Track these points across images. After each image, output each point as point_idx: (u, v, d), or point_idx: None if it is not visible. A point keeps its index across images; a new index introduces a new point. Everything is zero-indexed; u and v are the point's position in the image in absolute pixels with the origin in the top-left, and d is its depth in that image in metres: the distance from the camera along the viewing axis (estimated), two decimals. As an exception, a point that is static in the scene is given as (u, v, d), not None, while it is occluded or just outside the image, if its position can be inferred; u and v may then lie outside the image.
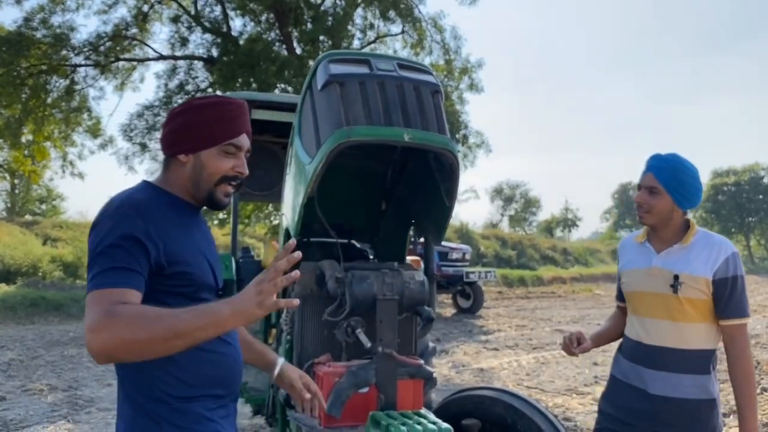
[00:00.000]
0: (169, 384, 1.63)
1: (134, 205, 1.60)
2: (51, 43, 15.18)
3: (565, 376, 7.80)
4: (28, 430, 5.32)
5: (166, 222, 1.62)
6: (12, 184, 31.04)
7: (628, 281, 2.52)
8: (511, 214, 54.07)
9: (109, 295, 1.45)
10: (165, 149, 1.76)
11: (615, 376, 2.57)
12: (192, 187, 1.73)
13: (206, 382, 1.67)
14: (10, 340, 9.83)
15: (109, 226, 1.55)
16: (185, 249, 1.65)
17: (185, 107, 1.74)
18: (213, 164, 1.71)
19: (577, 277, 26.66)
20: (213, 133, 1.70)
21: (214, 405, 1.70)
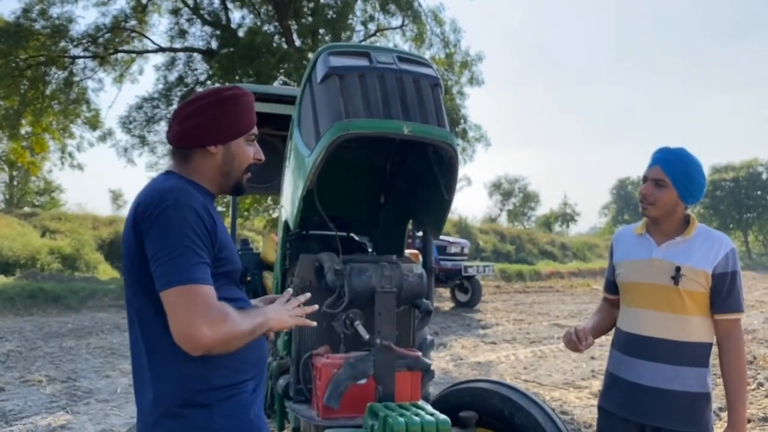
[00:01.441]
0: (220, 374, 1.66)
1: (191, 194, 1.64)
2: (50, 34, 15.17)
3: (563, 370, 7.83)
4: (27, 420, 5.33)
5: (209, 210, 1.66)
6: (10, 176, 30.99)
7: (625, 272, 2.52)
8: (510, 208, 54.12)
9: (211, 291, 1.55)
10: (190, 141, 1.76)
11: (611, 372, 2.58)
12: (221, 177, 1.79)
13: (249, 366, 1.74)
14: (9, 332, 9.85)
15: (179, 218, 1.57)
16: (225, 235, 1.72)
17: (212, 99, 1.75)
18: (242, 153, 1.79)
19: (575, 272, 26.69)
20: (242, 124, 1.77)
21: (250, 388, 1.75)
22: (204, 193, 1.76)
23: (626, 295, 2.53)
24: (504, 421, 2.73)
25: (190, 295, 1.51)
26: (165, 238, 1.56)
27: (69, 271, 16.25)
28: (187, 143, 1.76)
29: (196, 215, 1.59)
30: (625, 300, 2.54)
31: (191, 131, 1.74)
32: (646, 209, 2.43)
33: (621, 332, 2.54)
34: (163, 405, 1.65)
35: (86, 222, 20.30)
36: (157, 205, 1.60)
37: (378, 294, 2.46)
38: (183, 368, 1.63)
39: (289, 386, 2.73)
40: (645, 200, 2.42)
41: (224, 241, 1.69)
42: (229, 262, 1.71)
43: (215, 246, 1.64)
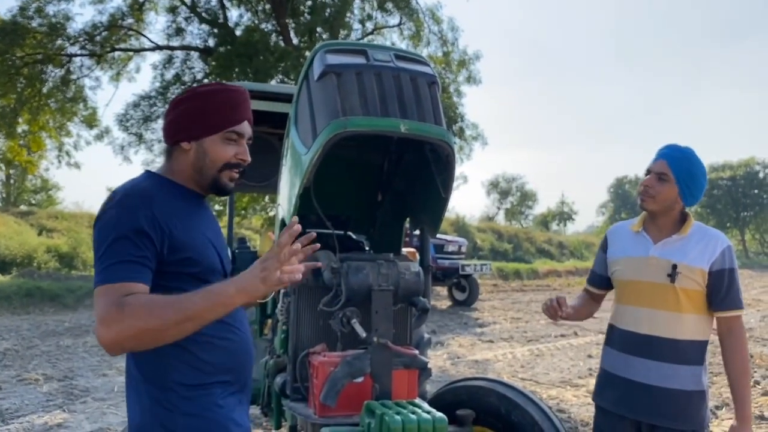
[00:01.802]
0: (180, 372, 1.64)
1: (139, 194, 1.62)
2: (46, 32, 15.14)
3: (560, 369, 7.84)
4: (24, 419, 5.32)
5: (170, 210, 1.64)
6: (7, 175, 30.93)
7: (621, 269, 2.52)
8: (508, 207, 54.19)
9: (118, 289, 1.49)
10: (168, 138, 1.77)
11: (606, 370, 2.58)
12: (196, 174, 1.76)
13: (216, 369, 1.69)
14: (6, 330, 9.83)
15: (116, 217, 1.57)
16: (190, 235, 1.67)
17: (188, 95, 1.75)
18: (215, 151, 1.73)
19: (573, 271, 26.71)
20: (215, 120, 1.72)
21: (225, 392, 1.71)
22: (180, 192, 1.75)
23: (623, 293, 2.53)
24: (501, 419, 2.73)
25: (98, 296, 1.51)
26: (98, 238, 1.57)
27: (66, 270, 16.22)
28: (166, 140, 1.78)
29: (136, 214, 1.56)
30: (621, 298, 2.54)
31: (167, 128, 1.77)
32: (645, 201, 2.44)
33: (616, 329, 2.55)
34: (134, 397, 1.68)
35: (83, 220, 20.25)
36: (104, 206, 1.62)
37: (375, 292, 2.46)
38: (147, 365, 1.65)
39: (286, 384, 2.73)
40: (646, 192, 2.43)
41: (186, 243, 1.64)
42: (193, 263, 1.66)
43: (165, 246, 1.60)
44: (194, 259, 1.67)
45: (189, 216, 1.71)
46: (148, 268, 1.56)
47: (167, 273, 1.61)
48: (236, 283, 1.50)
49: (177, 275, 1.63)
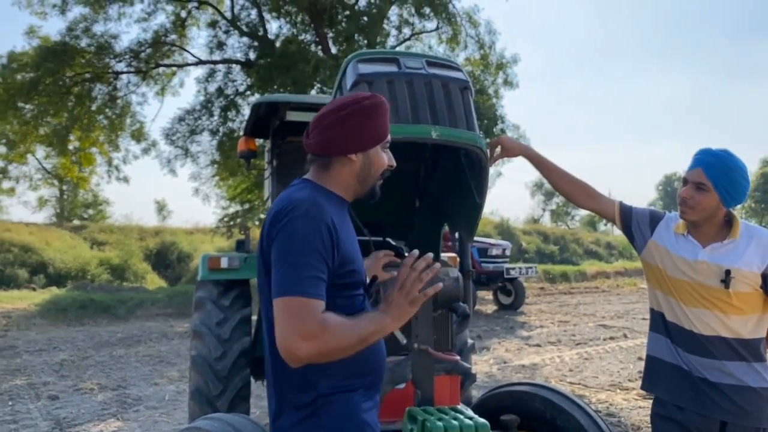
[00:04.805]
0: (326, 380, 1.71)
1: (318, 204, 1.68)
2: (94, 51, 15.60)
3: (609, 372, 7.69)
4: (80, 427, 5.49)
5: (338, 222, 1.71)
6: (60, 191, 31.97)
7: (668, 264, 2.44)
8: (553, 208, 53.36)
9: (315, 306, 1.57)
10: (332, 150, 1.80)
11: (658, 358, 2.51)
12: (358, 183, 1.84)
13: (362, 372, 1.77)
14: (62, 341, 10.16)
15: (303, 230, 1.62)
16: (352, 248, 1.76)
17: (354, 109, 1.79)
18: (379, 159, 1.85)
19: (622, 272, 26.17)
20: (380, 132, 1.83)
21: (366, 395, 1.79)
22: (336, 202, 1.80)
23: (670, 287, 2.44)
24: (546, 424, 2.70)
25: (293, 307, 1.57)
26: (286, 248, 1.62)
27: (117, 282, 16.68)
28: (329, 151, 1.80)
29: (321, 230, 1.63)
30: (668, 291, 2.45)
31: (334, 140, 1.78)
32: (685, 212, 2.37)
33: (669, 323, 2.46)
34: (281, 404, 1.75)
35: (133, 233, 20.81)
36: (287, 215, 1.66)
37: (414, 298, 2.46)
38: (297, 372, 1.68)
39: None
40: (685, 204, 2.36)
41: (349, 254, 1.73)
42: (355, 275, 1.76)
43: (336, 260, 1.67)
44: (356, 271, 1.76)
45: (346, 226, 1.78)
46: (327, 282, 1.64)
47: (335, 285, 1.68)
48: (390, 313, 1.67)
49: (338, 287, 1.70)
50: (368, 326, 1.64)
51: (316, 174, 1.84)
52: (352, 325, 1.61)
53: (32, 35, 15.96)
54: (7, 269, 15.82)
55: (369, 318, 1.66)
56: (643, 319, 12.44)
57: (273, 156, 4.76)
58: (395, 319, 1.68)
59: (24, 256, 16.52)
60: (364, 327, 1.63)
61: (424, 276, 1.69)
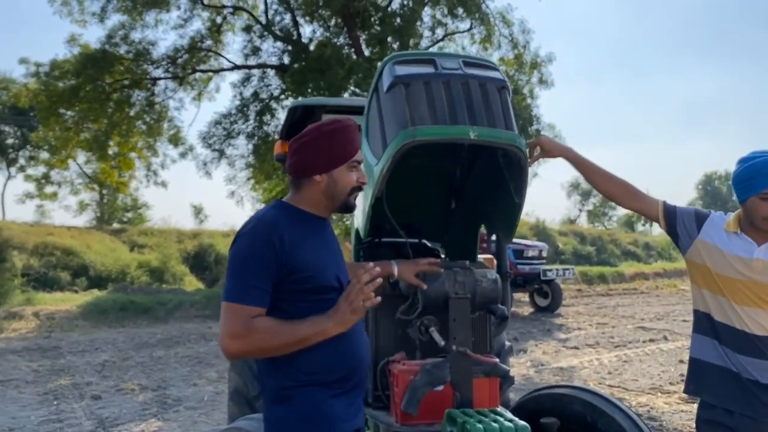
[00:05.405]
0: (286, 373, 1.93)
1: (267, 223, 1.93)
2: (132, 58, 15.91)
3: (650, 375, 7.56)
4: (122, 427, 5.60)
5: (294, 234, 1.92)
6: (100, 195, 32.66)
7: (724, 265, 2.37)
8: (590, 209, 52.59)
9: (245, 311, 1.83)
10: (298, 173, 2.03)
11: (704, 360, 2.45)
12: (327, 200, 2.04)
13: (328, 368, 1.95)
14: (104, 343, 10.38)
15: (247, 243, 1.90)
16: (309, 257, 1.94)
17: (315, 135, 2.01)
18: (344, 179, 2.02)
19: (661, 273, 25.66)
20: (342, 154, 2.01)
21: (335, 391, 1.96)
22: (307, 218, 2.03)
23: (718, 286, 2.38)
24: (586, 428, 2.67)
25: (228, 311, 1.85)
26: (231, 261, 1.91)
27: (157, 284, 16.96)
28: (298, 174, 2.04)
29: (263, 245, 1.86)
30: (716, 290, 2.40)
31: (299, 163, 2.02)
32: None
33: (718, 323, 2.40)
34: (263, 389, 2.02)
35: (171, 236, 21.13)
36: (238, 232, 1.96)
37: (452, 300, 2.45)
38: (268, 364, 1.96)
39: (368, 393, 2.76)
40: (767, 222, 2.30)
41: (305, 262, 1.91)
42: (311, 281, 1.93)
43: (284, 270, 1.88)
44: (311, 277, 1.93)
45: (309, 238, 1.97)
46: (268, 292, 1.87)
47: (288, 290, 1.90)
48: (332, 318, 1.87)
49: (296, 292, 1.91)
50: (307, 329, 1.85)
51: (291, 194, 2.08)
52: (287, 328, 1.85)
53: (73, 43, 16.34)
54: (50, 272, 16.21)
55: (311, 321, 1.87)
56: (684, 321, 12.18)
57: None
58: (337, 324, 1.87)
59: (66, 259, 16.91)
60: (301, 329, 1.85)
61: (367, 289, 1.85)
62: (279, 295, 1.89)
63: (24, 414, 6.03)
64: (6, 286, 13.90)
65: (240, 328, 1.82)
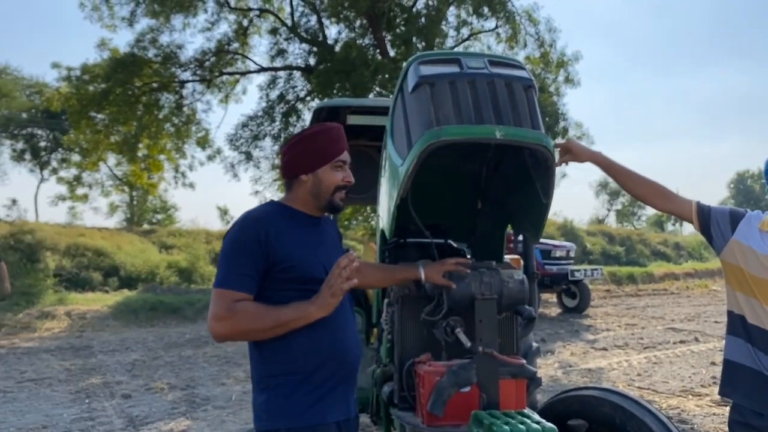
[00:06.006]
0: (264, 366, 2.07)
1: (254, 218, 2.09)
2: (161, 61, 16.12)
3: (680, 377, 7.44)
4: (152, 425, 5.67)
5: (280, 228, 2.06)
6: (131, 197, 33.16)
7: (757, 266, 2.32)
8: (618, 208, 51.91)
9: (231, 295, 1.97)
10: (287, 174, 2.20)
11: (737, 362, 2.40)
12: (314, 199, 2.18)
13: (305, 361, 2.05)
14: (134, 342, 10.53)
15: (235, 236, 2.05)
16: (293, 249, 2.06)
17: (299, 138, 2.19)
18: (328, 178, 2.16)
19: (692, 273, 25.22)
20: (324, 154, 2.15)
21: (314, 382, 2.05)
22: (298, 216, 2.17)
23: (752, 288, 2.33)
24: (615, 430, 2.63)
25: (215, 296, 2.00)
26: (221, 252, 2.06)
27: (185, 284, 17.15)
28: (287, 175, 2.21)
29: (250, 238, 2.01)
30: (751, 292, 2.34)
31: (287, 165, 2.20)
32: None
33: (751, 326, 2.35)
34: (252, 379, 2.15)
35: (200, 237, 21.34)
36: (232, 226, 2.11)
37: (478, 301, 2.44)
38: (253, 355, 2.11)
39: (394, 393, 2.76)
40: None
41: (289, 254, 2.04)
42: (294, 271, 2.04)
43: (270, 260, 2.01)
44: (295, 268, 2.04)
45: (297, 234, 2.10)
46: (253, 278, 2.00)
47: (274, 279, 2.03)
48: (314, 302, 1.99)
49: (282, 281, 2.04)
50: (289, 313, 1.97)
51: (285, 194, 2.24)
52: (270, 311, 1.97)
53: (103, 47, 16.62)
54: (82, 272, 16.48)
55: (293, 306, 1.99)
56: (716, 322, 11.96)
57: (334, 159, 4.81)
58: (319, 308, 1.98)
59: (97, 260, 17.18)
60: (283, 313, 1.97)
61: (344, 273, 1.96)
62: (265, 284, 2.03)
63: (57, 412, 6.14)
64: (39, 287, 14.16)
65: (224, 311, 1.95)
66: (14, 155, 30.33)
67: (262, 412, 2.06)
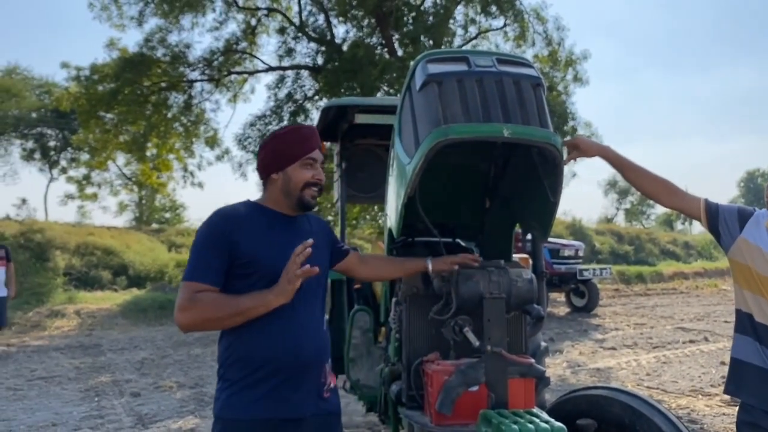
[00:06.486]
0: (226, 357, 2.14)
1: (221, 214, 2.17)
2: (169, 61, 16.15)
3: (690, 376, 7.40)
4: (161, 423, 5.69)
5: (246, 226, 2.13)
6: (139, 196, 33.28)
7: (764, 265, 2.31)
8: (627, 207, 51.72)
9: (193, 287, 2.04)
10: (261, 174, 2.27)
11: (743, 361, 2.38)
12: (284, 198, 2.22)
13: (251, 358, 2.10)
14: (143, 341, 10.57)
15: (202, 231, 2.14)
16: (258, 247, 2.12)
17: (270, 138, 2.26)
18: (297, 176, 2.20)
19: (701, 272, 25.11)
20: (293, 152, 2.20)
21: (259, 380, 2.09)
22: (268, 214, 2.22)
23: (759, 287, 2.32)
24: (625, 430, 2.61)
25: (181, 288, 2.07)
26: (191, 247, 2.14)
27: (194, 283, 17.20)
28: (260, 174, 2.28)
29: (215, 233, 2.10)
30: (758, 291, 2.32)
31: (259, 165, 2.27)
32: None
33: (759, 324, 2.34)
34: None
35: (208, 236, 21.40)
36: (203, 222, 2.19)
37: (486, 300, 2.43)
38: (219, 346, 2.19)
39: (402, 392, 2.75)
40: None
41: (251, 251, 2.10)
42: (256, 267, 2.10)
43: (233, 255, 2.08)
44: (256, 265, 2.10)
45: (264, 231, 2.16)
46: (219, 272, 2.07)
47: (238, 275, 2.10)
48: (272, 290, 2.02)
49: (245, 276, 2.10)
50: (247, 301, 2.03)
51: (262, 193, 2.30)
52: (229, 300, 2.03)
53: (112, 47, 16.65)
54: (91, 271, 16.57)
55: (252, 295, 2.04)
56: (725, 321, 11.89)
57: (342, 158, 4.81)
58: (277, 295, 2.02)
59: (106, 259, 17.27)
60: (242, 302, 2.03)
61: (298, 259, 1.98)
62: (230, 280, 2.09)
63: (66, 410, 6.17)
64: (49, 285, 14.26)
65: (186, 301, 2.02)
66: (24, 155, 30.54)
67: (215, 400, 2.16)
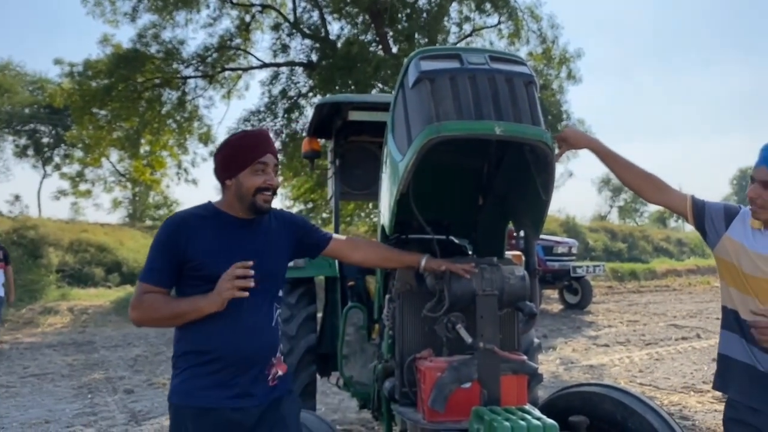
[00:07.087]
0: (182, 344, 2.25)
1: (175, 219, 2.27)
2: (163, 57, 16.10)
3: (682, 373, 7.44)
4: (154, 420, 5.69)
5: (198, 229, 2.22)
6: (133, 193, 33.17)
7: (749, 263, 2.32)
8: (621, 205, 51.85)
9: (142, 287, 2.20)
10: (217, 179, 2.33)
11: (729, 357, 2.40)
12: (238, 202, 2.27)
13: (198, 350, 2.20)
14: (136, 338, 10.55)
15: (157, 235, 2.24)
16: (207, 249, 2.20)
17: (222, 146, 2.32)
18: (248, 181, 2.24)
19: (694, 269, 25.23)
20: (243, 159, 2.25)
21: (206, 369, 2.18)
22: (222, 217, 2.28)
23: (744, 285, 2.33)
24: (617, 427, 2.63)
25: (135, 287, 2.25)
26: (149, 248, 2.25)
27: (187, 280, 17.18)
28: (217, 180, 2.34)
29: (168, 236, 2.20)
30: (742, 288, 2.34)
31: (215, 171, 2.33)
32: (755, 212, 2.26)
33: (744, 321, 2.34)
34: None
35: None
36: None
37: (479, 297, 2.44)
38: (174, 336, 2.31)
39: (395, 389, 2.76)
40: (753, 203, 2.25)
41: (201, 254, 2.18)
42: (203, 269, 2.18)
43: (182, 257, 2.17)
44: (204, 266, 2.18)
45: (215, 234, 2.24)
46: (168, 274, 2.19)
47: (188, 276, 2.21)
48: (206, 298, 2.13)
49: (194, 278, 2.20)
50: (183, 306, 2.16)
51: (220, 198, 2.36)
52: (168, 303, 2.18)
53: (106, 43, 16.58)
54: (84, 268, 16.53)
55: (188, 300, 2.17)
56: (718, 318, 11.82)
57: (336, 156, 4.81)
58: (209, 303, 2.12)
59: (100, 256, 17.23)
60: (179, 305, 2.17)
61: (235, 272, 2.09)
62: (181, 280, 2.21)
63: (59, 407, 6.16)
64: (42, 282, 14.22)
65: (135, 300, 2.20)
66: (17, 151, 30.42)
67: (170, 390, 2.26)
